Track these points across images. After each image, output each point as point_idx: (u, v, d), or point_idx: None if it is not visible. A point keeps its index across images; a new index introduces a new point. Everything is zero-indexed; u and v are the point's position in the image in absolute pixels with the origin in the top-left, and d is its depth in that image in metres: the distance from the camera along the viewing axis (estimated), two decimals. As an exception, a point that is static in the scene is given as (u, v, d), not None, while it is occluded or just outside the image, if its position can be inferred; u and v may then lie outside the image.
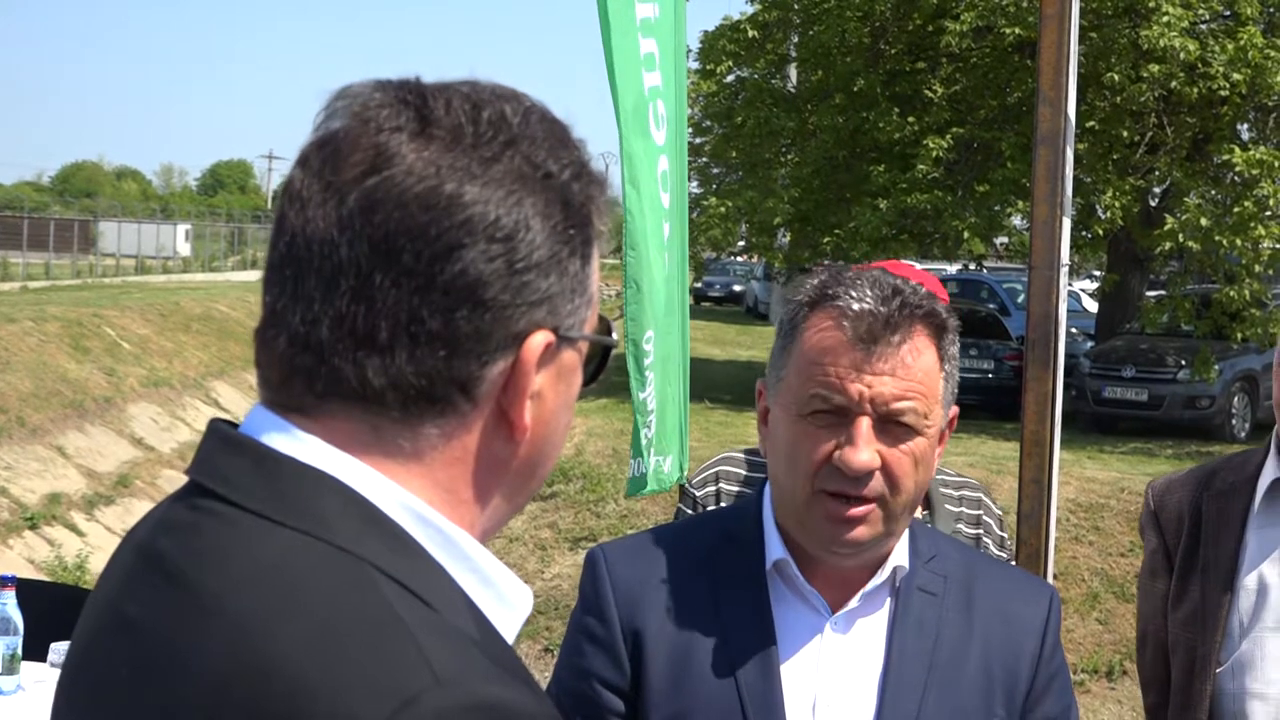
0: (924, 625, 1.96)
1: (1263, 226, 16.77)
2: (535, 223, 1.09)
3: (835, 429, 1.86)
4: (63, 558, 12.39)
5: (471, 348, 1.07)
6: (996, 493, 11.70)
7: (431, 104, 1.10)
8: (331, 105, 1.12)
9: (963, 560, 2.07)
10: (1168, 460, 15.07)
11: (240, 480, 1.09)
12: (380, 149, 1.07)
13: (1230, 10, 17.93)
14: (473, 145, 1.09)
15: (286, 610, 1.02)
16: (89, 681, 1.11)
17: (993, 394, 18.32)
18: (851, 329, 1.85)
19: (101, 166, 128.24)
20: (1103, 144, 17.95)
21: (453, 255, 1.06)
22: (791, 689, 1.92)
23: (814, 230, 20.08)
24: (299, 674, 0.99)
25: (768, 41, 21.40)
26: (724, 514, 2.16)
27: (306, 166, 1.10)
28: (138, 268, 43.45)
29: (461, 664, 1.01)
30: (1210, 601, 2.59)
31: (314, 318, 1.07)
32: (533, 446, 1.15)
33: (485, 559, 1.12)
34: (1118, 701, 9.99)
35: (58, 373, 16.83)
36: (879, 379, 1.84)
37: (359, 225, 1.06)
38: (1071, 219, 4.34)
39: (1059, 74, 3.19)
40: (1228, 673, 2.57)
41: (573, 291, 1.13)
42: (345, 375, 1.07)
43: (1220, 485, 2.66)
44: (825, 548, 1.91)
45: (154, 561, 1.10)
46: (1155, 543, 2.73)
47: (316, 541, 1.05)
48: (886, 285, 1.89)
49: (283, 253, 1.10)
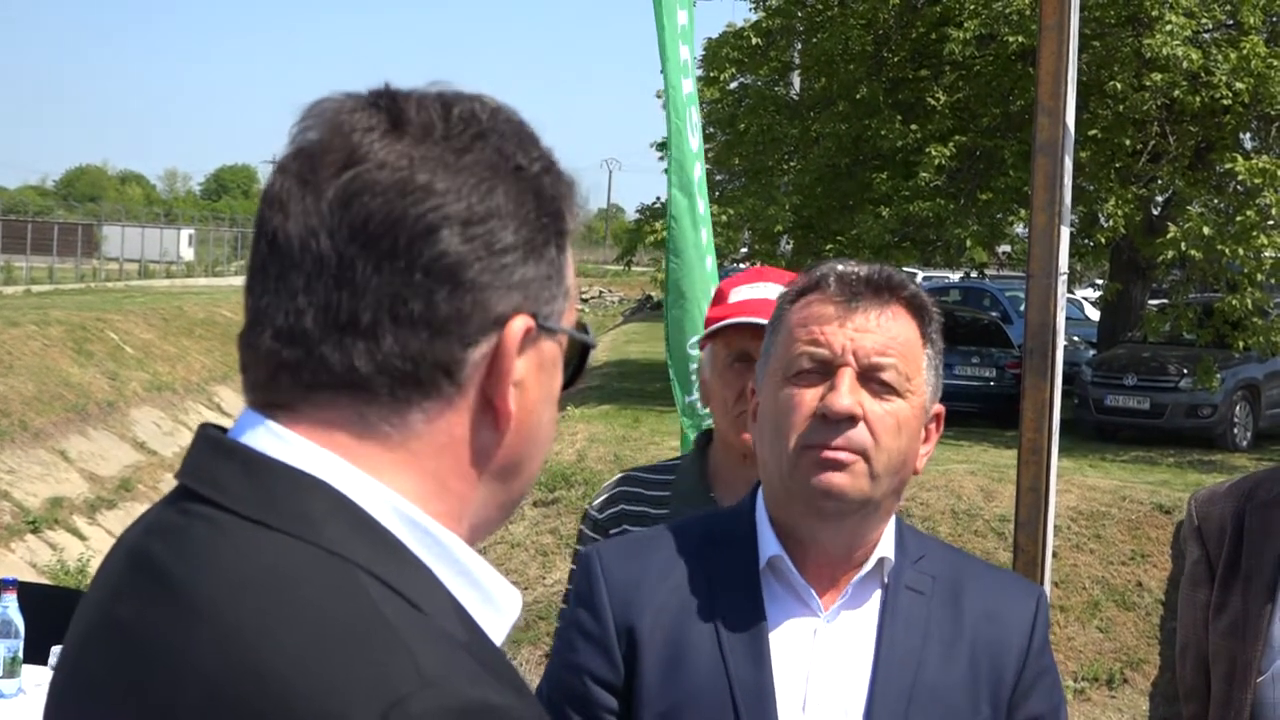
0: (912, 623, 1.99)
1: (1265, 236, 16.75)
2: (509, 208, 1.12)
3: (820, 384, 1.92)
4: (64, 561, 12.41)
5: (453, 330, 1.09)
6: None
7: (403, 105, 1.13)
8: (306, 117, 1.14)
9: (950, 561, 2.09)
10: (1169, 469, 15.07)
11: (230, 485, 1.10)
12: (355, 147, 1.10)
13: (1233, 19, 17.93)
14: (444, 137, 1.11)
15: (277, 613, 1.03)
16: (81, 684, 1.12)
17: (994, 402, 18.31)
18: (836, 290, 1.95)
19: (106, 171, 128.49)
20: (1105, 152, 17.95)
21: (430, 237, 1.08)
22: (783, 685, 1.94)
23: (816, 238, 20.06)
24: (289, 676, 1.00)
25: (771, 49, 21.41)
26: (717, 514, 2.20)
27: (284, 171, 1.13)
28: (141, 272, 43.50)
29: (449, 666, 1.02)
30: (1252, 611, 2.60)
31: (298, 310, 1.10)
32: (518, 436, 1.16)
33: (474, 561, 1.14)
34: (1118, 710, 9.98)
35: (61, 377, 16.85)
36: (861, 334, 1.92)
37: (338, 215, 1.09)
38: (1072, 228, 4.37)
39: (1058, 83, 3.20)
40: (1268, 682, 2.57)
41: (550, 279, 1.15)
42: (331, 363, 1.09)
43: (1264, 497, 2.67)
44: (811, 508, 1.93)
45: (145, 565, 1.11)
46: (1198, 553, 2.74)
47: (306, 545, 1.06)
48: (874, 268, 1.99)
49: (264, 254, 1.12)
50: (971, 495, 11.97)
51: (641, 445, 13.88)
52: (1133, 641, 10.47)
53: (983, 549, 10.93)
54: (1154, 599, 10.74)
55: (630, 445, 13.86)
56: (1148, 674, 10.20)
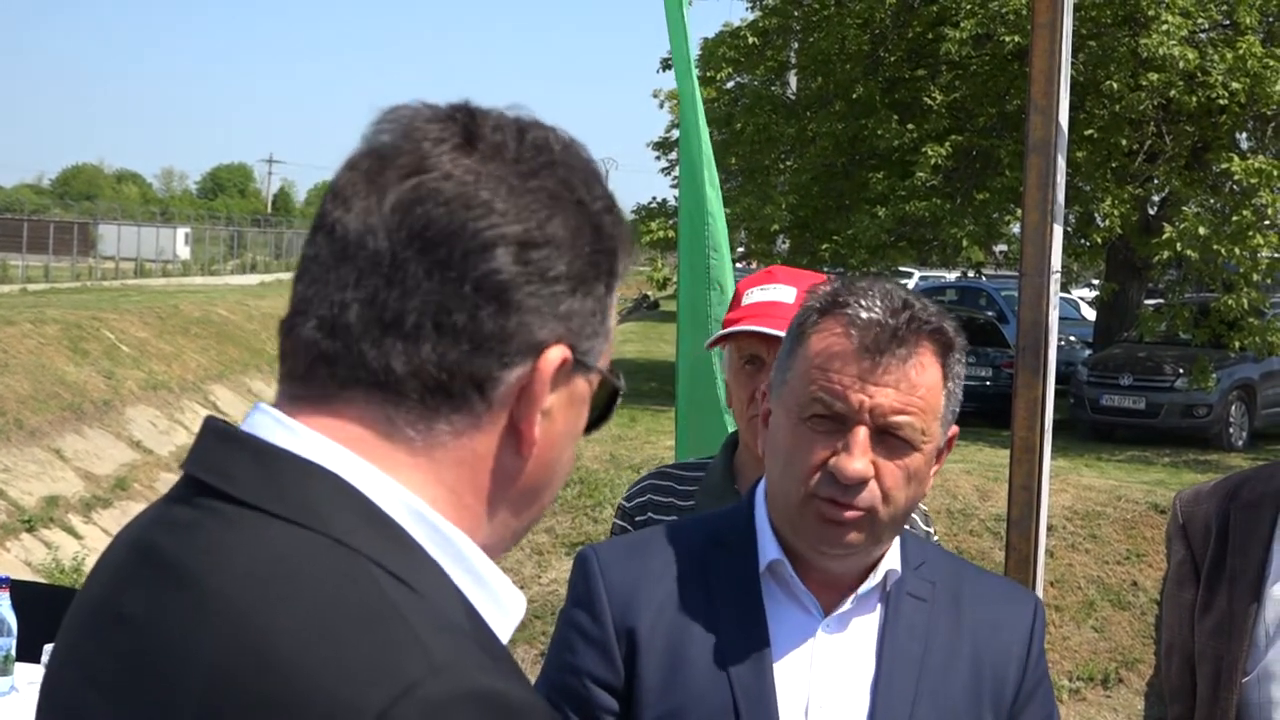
0: (914, 630, 1.98)
1: (1261, 235, 16.79)
2: (566, 239, 1.14)
3: (833, 435, 1.87)
4: (60, 560, 12.39)
5: (493, 347, 1.11)
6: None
7: (479, 122, 1.15)
8: (382, 120, 1.17)
9: (949, 567, 2.09)
10: (1165, 469, 15.08)
11: (240, 475, 1.11)
12: (424, 155, 1.12)
13: (1229, 19, 17.96)
14: (514, 160, 1.14)
15: (287, 601, 1.04)
16: (76, 678, 1.12)
17: (990, 401, 18.29)
18: (858, 338, 1.86)
19: (101, 169, 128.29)
20: (1101, 152, 17.97)
21: (485, 254, 1.10)
22: (785, 690, 1.93)
23: (813, 237, 20.08)
24: (299, 663, 1.01)
25: (768, 48, 21.42)
26: (716, 515, 2.16)
27: (354, 168, 1.15)
28: (137, 271, 43.44)
29: (458, 654, 1.03)
30: (1237, 611, 2.59)
31: (344, 302, 1.11)
32: (538, 465, 1.18)
33: (481, 561, 1.15)
34: (1113, 710, 9.99)
35: (56, 375, 16.84)
36: (881, 390, 1.85)
37: (399, 217, 1.11)
38: (1067, 227, 4.38)
39: (1050, 82, 3.20)
40: (1253, 682, 2.56)
41: (594, 316, 1.17)
42: (369, 360, 1.10)
43: (1248, 496, 2.66)
44: (815, 549, 1.93)
45: (153, 557, 1.11)
46: (1182, 553, 2.73)
47: (315, 535, 1.07)
48: (897, 298, 1.90)
49: (320, 244, 1.14)
50: (967, 495, 11.97)
51: (637, 445, 13.88)
52: (1128, 641, 10.48)
53: (978, 549, 10.94)
54: (1149, 598, 10.74)
55: (626, 445, 13.85)
56: (1143, 673, 10.20)
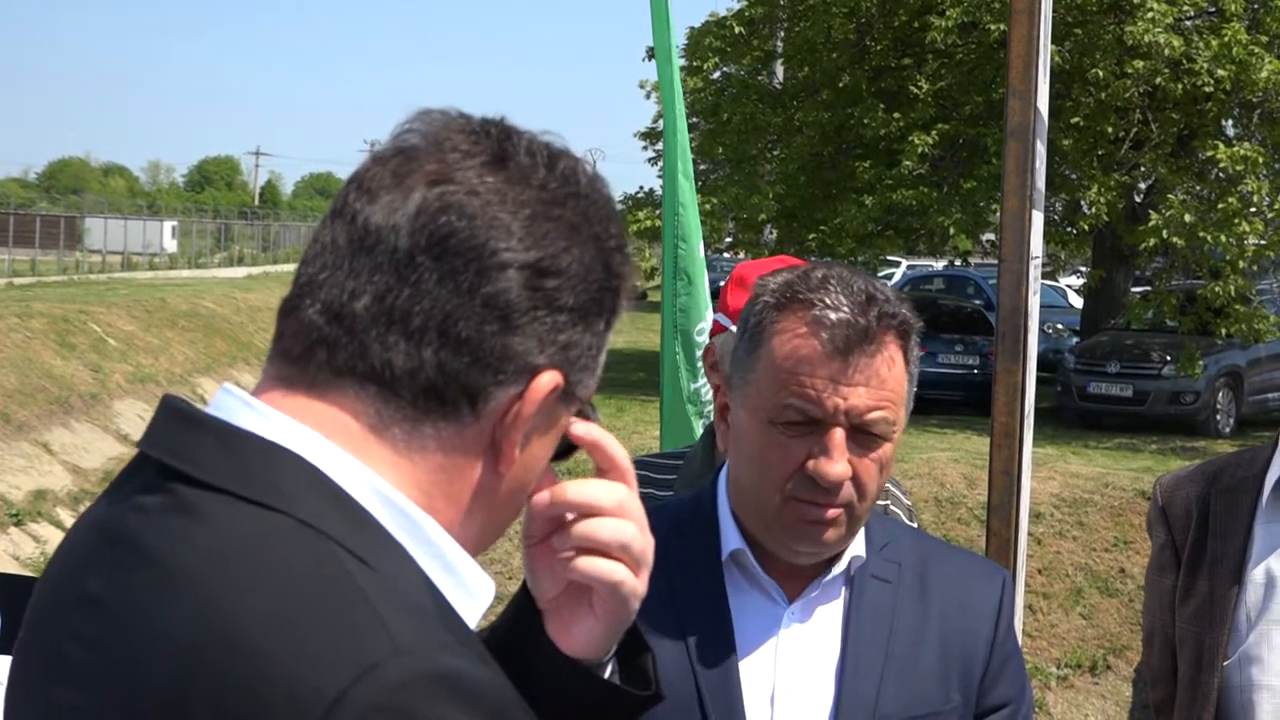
0: (879, 612, 1.98)
1: (1247, 222, 16.83)
2: (578, 272, 1.16)
3: (807, 438, 1.85)
4: (47, 554, 12.36)
5: (492, 363, 1.13)
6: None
7: (513, 142, 1.17)
8: (413, 120, 1.18)
9: (916, 547, 2.08)
10: (1152, 456, 15.11)
11: (203, 458, 1.11)
12: (454, 165, 1.14)
13: (1214, 7, 17.98)
14: (540, 186, 1.16)
15: (251, 582, 1.04)
16: (42, 660, 1.12)
17: (977, 389, 18.33)
18: (829, 339, 1.83)
19: (88, 163, 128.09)
20: (1087, 140, 17.99)
21: (499, 274, 1.12)
22: (750, 679, 1.93)
23: (800, 226, 20.09)
24: (263, 643, 1.01)
25: (754, 38, 21.42)
26: (677, 504, 2.15)
27: (381, 163, 1.16)
28: (124, 264, 43.27)
29: (421, 635, 1.04)
30: (1218, 595, 2.60)
31: (354, 291, 1.12)
32: (511, 485, 1.19)
33: (449, 545, 1.15)
34: (1101, 696, 10.01)
35: (43, 369, 16.79)
36: (854, 390, 1.83)
37: (423, 221, 1.12)
38: (1056, 215, 4.38)
39: (1029, 67, 3.20)
40: (1235, 666, 2.57)
41: (590, 350, 1.20)
42: (370, 353, 1.12)
43: (1228, 481, 2.67)
44: (791, 549, 1.92)
45: (118, 539, 1.11)
46: (1163, 538, 2.74)
47: (280, 516, 1.08)
48: (859, 291, 1.86)
49: (337, 230, 1.15)
50: (954, 483, 11.98)
51: (625, 435, 13.88)
52: (1115, 628, 10.50)
53: (965, 536, 10.95)
54: (1136, 585, 10.76)
55: (613, 435, 13.82)
56: (1131, 660, 10.22)
